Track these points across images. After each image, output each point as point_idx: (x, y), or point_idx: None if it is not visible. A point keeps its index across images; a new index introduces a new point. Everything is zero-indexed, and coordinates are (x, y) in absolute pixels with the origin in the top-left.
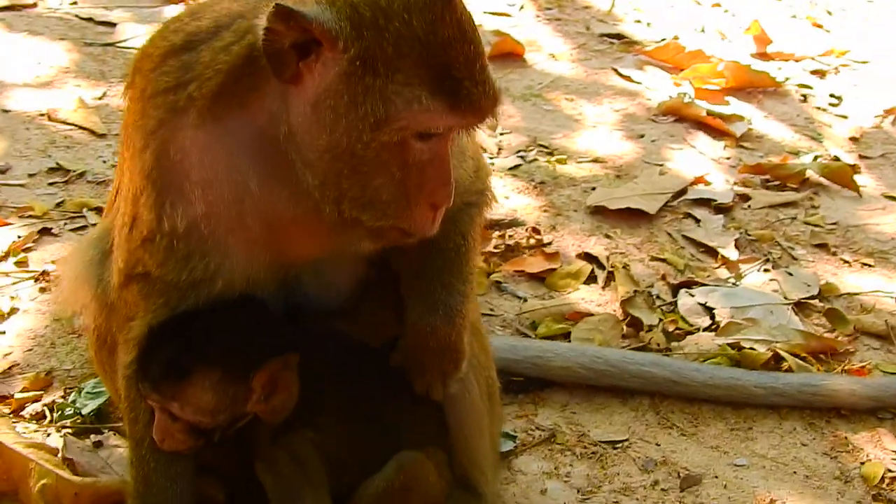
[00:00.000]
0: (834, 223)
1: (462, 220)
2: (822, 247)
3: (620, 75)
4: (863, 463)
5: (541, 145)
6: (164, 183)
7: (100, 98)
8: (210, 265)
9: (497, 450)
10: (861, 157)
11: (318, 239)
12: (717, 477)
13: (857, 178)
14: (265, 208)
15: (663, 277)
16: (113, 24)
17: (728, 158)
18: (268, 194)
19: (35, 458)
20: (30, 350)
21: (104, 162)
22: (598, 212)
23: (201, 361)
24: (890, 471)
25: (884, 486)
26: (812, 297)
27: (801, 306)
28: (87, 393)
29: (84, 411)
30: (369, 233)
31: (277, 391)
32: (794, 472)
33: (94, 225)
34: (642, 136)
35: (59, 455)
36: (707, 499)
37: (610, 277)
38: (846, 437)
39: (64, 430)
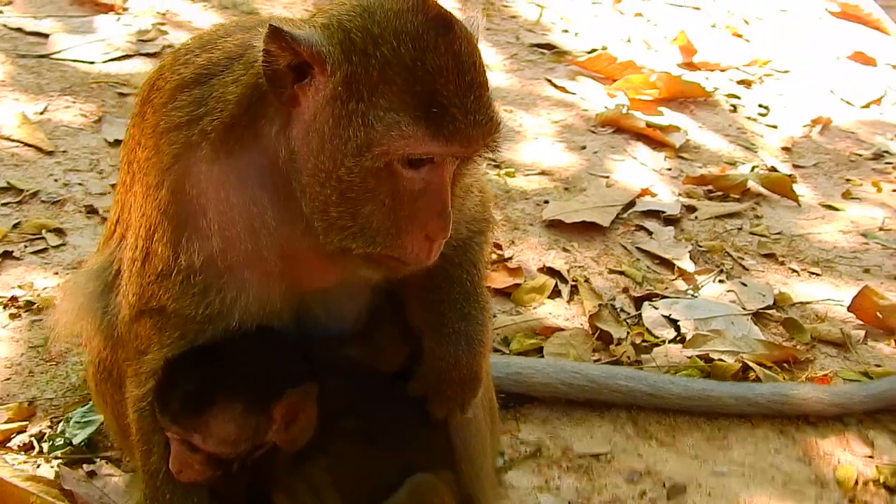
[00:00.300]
0: (778, 233)
1: (472, 249)
2: (770, 257)
3: (555, 86)
4: (835, 468)
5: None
6: (180, 219)
7: (41, 113)
8: (227, 298)
9: (496, 467)
10: (795, 166)
11: (329, 268)
12: (700, 485)
13: (794, 187)
14: (281, 240)
15: (625, 290)
16: (45, 35)
17: (669, 170)
18: (282, 225)
19: (35, 492)
20: (8, 379)
21: (56, 181)
22: (554, 225)
23: (223, 393)
24: (862, 474)
25: (858, 489)
26: (768, 308)
27: (758, 316)
28: (76, 422)
29: (75, 441)
30: (364, 261)
31: (297, 420)
32: (773, 479)
33: (55, 247)
34: (584, 148)
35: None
36: None
37: (574, 291)
38: (816, 443)
39: (56, 461)
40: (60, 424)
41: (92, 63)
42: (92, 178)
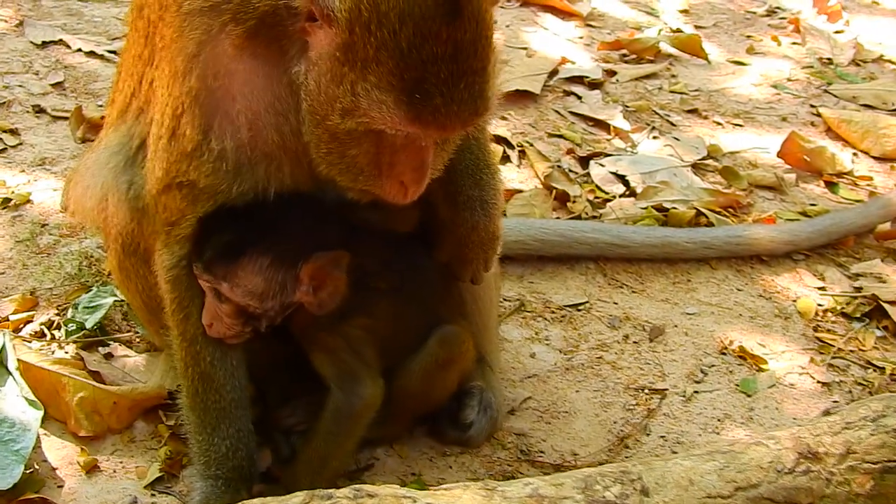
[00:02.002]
0: (696, 90)
1: None
2: (694, 112)
3: None
4: (794, 301)
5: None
6: (210, 107)
7: None
8: (257, 178)
9: (498, 322)
10: (696, 27)
11: None
12: (676, 326)
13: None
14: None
15: (569, 152)
16: None
17: (581, 38)
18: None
19: (67, 373)
20: (2, 273)
21: None
22: None
23: (253, 245)
24: (820, 305)
25: (819, 318)
26: (704, 159)
27: (696, 168)
28: (85, 308)
29: (88, 325)
30: (349, 190)
31: (325, 285)
32: (740, 315)
33: (13, 147)
34: (495, 22)
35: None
36: (675, 346)
37: (521, 155)
38: (773, 280)
39: (70, 346)
40: (69, 311)
41: None
42: (30, 79)
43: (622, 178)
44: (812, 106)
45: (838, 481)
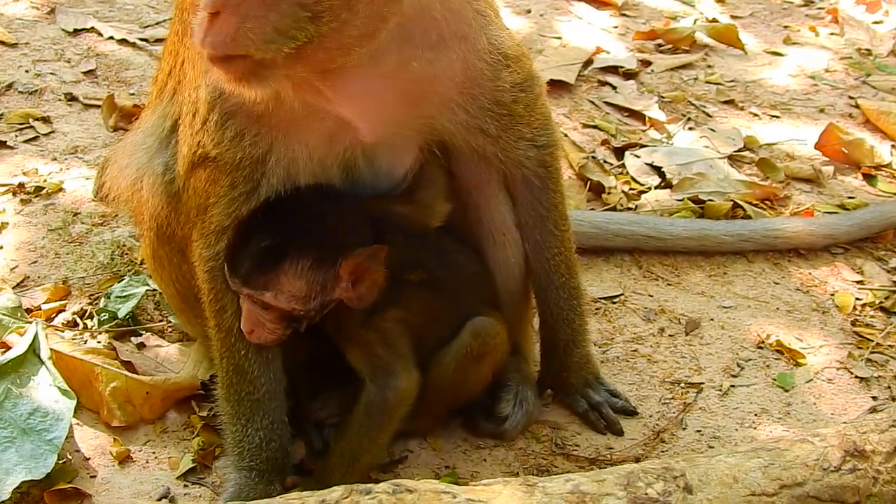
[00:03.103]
0: (732, 80)
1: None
2: (730, 103)
3: None
4: (832, 294)
5: None
6: None
7: None
8: (262, 142)
9: (532, 313)
10: (732, 16)
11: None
12: (712, 319)
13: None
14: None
15: (604, 143)
16: None
17: (616, 27)
18: None
19: (100, 363)
20: (35, 262)
21: (27, 72)
22: None
23: (293, 249)
24: (858, 299)
25: (857, 313)
26: (740, 150)
27: (732, 159)
28: (117, 297)
29: (120, 314)
30: None
31: (363, 279)
32: (777, 309)
33: (45, 135)
34: (529, 12)
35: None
36: (712, 339)
37: None
38: (811, 274)
39: (102, 336)
40: (101, 300)
41: None
42: (62, 67)
43: (658, 170)
44: (850, 97)
45: (885, 479)
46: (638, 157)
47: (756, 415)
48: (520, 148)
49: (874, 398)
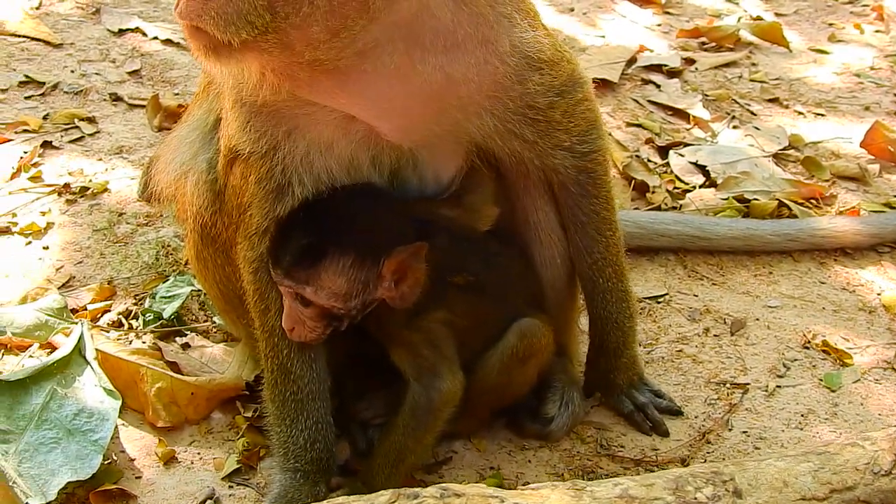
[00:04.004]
0: (777, 78)
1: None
2: (774, 101)
3: None
4: (879, 294)
5: None
6: None
7: (37, 7)
8: (278, 138)
9: (578, 314)
10: (777, 14)
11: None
12: (757, 319)
13: None
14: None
15: (648, 141)
16: None
17: (659, 25)
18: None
19: (145, 364)
20: (80, 263)
21: (72, 72)
22: None
23: (334, 245)
24: None
25: None
26: (785, 149)
27: (777, 158)
28: (162, 297)
29: (165, 315)
30: None
31: (405, 279)
32: (823, 308)
33: (90, 135)
34: (572, 10)
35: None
36: (757, 339)
37: None
38: (857, 273)
39: (147, 336)
40: (147, 301)
41: None
42: (106, 67)
43: (702, 169)
44: None
45: None
46: (682, 155)
47: (803, 415)
48: (556, 157)
49: None
